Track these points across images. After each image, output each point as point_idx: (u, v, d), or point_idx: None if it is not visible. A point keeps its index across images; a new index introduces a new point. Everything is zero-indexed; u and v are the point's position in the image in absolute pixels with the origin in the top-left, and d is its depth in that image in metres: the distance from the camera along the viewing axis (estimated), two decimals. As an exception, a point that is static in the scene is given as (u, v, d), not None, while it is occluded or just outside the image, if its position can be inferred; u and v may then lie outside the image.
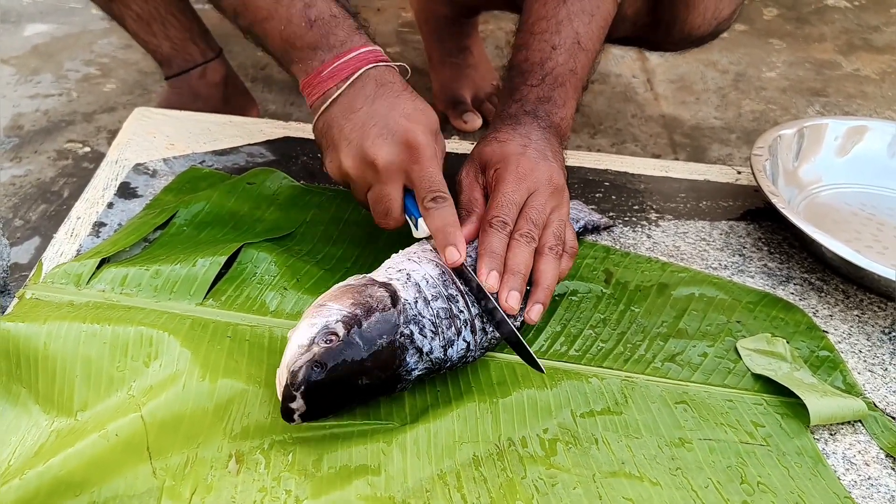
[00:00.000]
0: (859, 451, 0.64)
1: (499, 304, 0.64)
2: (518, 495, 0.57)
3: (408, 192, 0.69)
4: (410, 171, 0.67)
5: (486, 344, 0.66)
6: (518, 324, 0.67)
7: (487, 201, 0.71)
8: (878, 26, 1.75)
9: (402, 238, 0.71)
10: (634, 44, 1.17)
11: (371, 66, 0.69)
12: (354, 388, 0.59)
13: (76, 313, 0.65)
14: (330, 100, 0.69)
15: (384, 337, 0.59)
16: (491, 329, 0.65)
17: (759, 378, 0.69)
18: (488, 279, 0.65)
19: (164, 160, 0.91)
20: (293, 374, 0.56)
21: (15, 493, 0.53)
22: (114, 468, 0.55)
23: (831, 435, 0.65)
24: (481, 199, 0.72)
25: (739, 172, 0.98)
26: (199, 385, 0.60)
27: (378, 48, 0.72)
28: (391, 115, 0.67)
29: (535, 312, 0.66)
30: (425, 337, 0.61)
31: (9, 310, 0.69)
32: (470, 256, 0.67)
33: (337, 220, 0.83)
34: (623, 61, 1.57)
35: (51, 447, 0.57)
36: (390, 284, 0.63)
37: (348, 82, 0.69)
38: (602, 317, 0.74)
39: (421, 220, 0.68)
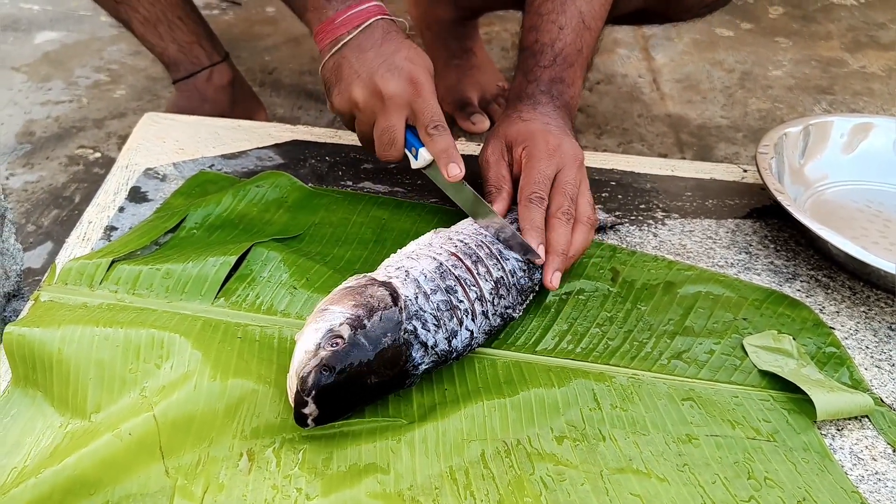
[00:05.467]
0: (867, 447, 0.64)
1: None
2: (526, 492, 0.57)
3: (406, 128, 0.76)
4: (414, 103, 0.75)
5: (488, 328, 0.67)
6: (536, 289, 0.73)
7: (513, 177, 0.77)
8: (884, 23, 1.75)
9: (410, 238, 0.72)
10: (645, 19, 1.18)
11: (379, 17, 0.77)
12: (364, 388, 0.60)
13: (89, 317, 0.66)
14: (341, 43, 0.77)
15: (388, 335, 0.60)
16: (491, 314, 0.67)
17: (765, 374, 0.69)
18: (539, 252, 0.71)
19: (174, 164, 0.92)
20: (303, 380, 0.57)
21: (31, 492, 0.54)
22: (127, 467, 0.56)
23: (838, 430, 0.66)
24: (508, 176, 0.78)
25: (745, 171, 0.98)
26: (211, 385, 0.60)
27: (382, 4, 0.79)
28: (397, 56, 0.75)
29: (556, 279, 0.71)
30: (429, 331, 0.62)
31: (23, 313, 0.70)
32: (515, 221, 0.74)
33: (345, 222, 0.83)
34: (629, 62, 1.57)
35: (65, 448, 0.58)
36: (390, 283, 0.64)
37: (359, 29, 0.76)
38: (609, 315, 0.74)
39: (422, 150, 0.75)
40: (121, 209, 0.85)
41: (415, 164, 0.77)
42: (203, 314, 0.69)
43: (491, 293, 0.68)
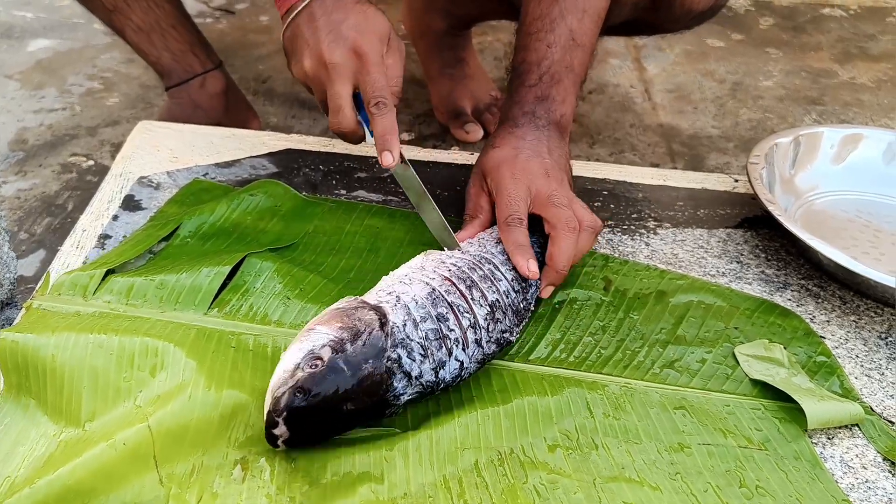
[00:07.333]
0: (857, 455, 0.65)
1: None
2: (519, 500, 0.57)
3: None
4: (358, 75, 0.74)
5: (481, 357, 0.66)
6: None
7: (493, 205, 0.77)
8: (873, 35, 1.77)
9: (404, 247, 0.72)
10: (634, 30, 1.18)
11: None
12: (339, 414, 0.59)
13: (83, 325, 0.66)
14: (295, 12, 0.77)
15: (370, 362, 0.59)
16: (486, 341, 0.66)
17: (756, 383, 0.70)
18: (530, 267, 0.70)
19: (168, 173, 0.92)
20: (276, 401, 0.57)
21: (25, 501, 0.54)
22: (121, 477, 0.56)
23: (829, 439, 0.66)
24: (486, 207, 0.78)
25: (737, 181, 0.99)
26: (205, 395, 0.60)
27: None
28: (343, 25, 0.75)
29: (547, 291, 0.73)
30: (414, 361, 0.61)
31: (16, 321, 0.70)
32: (500, 258, 0.72)
33: (339, 231, 0.84)
34: (621, 71, 1.58)
35: (59, 457, 0.57)
36: (380, 307, 0.63)
37: None
38: (601, 324, 0.75)
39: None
40: (115, 217, 0.85)
41: (370, 140, 0.76)
42: (197, 324, 0.69)
43: (486, 319, 0.66)
